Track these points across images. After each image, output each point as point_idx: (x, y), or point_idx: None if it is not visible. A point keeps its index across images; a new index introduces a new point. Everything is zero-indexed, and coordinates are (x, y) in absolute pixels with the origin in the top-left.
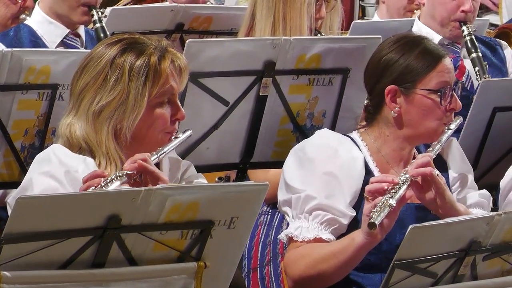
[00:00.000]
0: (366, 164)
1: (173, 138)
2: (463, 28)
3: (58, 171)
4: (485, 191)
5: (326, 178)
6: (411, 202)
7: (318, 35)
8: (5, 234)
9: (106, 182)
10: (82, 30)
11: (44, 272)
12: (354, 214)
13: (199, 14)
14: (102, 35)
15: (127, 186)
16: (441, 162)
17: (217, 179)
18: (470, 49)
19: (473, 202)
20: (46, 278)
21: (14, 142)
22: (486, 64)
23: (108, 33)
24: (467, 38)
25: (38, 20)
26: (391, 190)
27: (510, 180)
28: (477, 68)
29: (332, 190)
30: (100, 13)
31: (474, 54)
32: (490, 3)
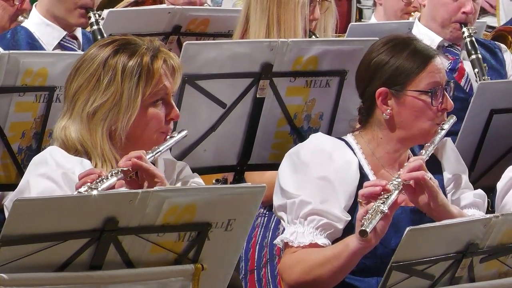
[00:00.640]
0: (361, 167)
1: (168, 137)
2: (464, 29)
3: (55, 173)
4: (480, 191)
5: (321, 183)
6: (406, 205)
7: (313, 37)
8: (2, 236)
9: (102, 178)
10: (79, 32)
11: (41, 274)
12: (349, 218)
13: (196, 16)
14: (99, 38)
15: (124, 188)
16: (435, 163)
17: (214, 181)
18: (470, 50)
19: (468, 202)
20: (43, 280)
21: (12, 144)
22: (486, 66)
23: (105, 35)
24: (467, 39)
25: (35, 22)
26: (383, 196)
27: (507, 182)
28: (476, 69)
29: (327, 195)
30: (97, 15)
31: (474, 56)
32: (487, 5)
